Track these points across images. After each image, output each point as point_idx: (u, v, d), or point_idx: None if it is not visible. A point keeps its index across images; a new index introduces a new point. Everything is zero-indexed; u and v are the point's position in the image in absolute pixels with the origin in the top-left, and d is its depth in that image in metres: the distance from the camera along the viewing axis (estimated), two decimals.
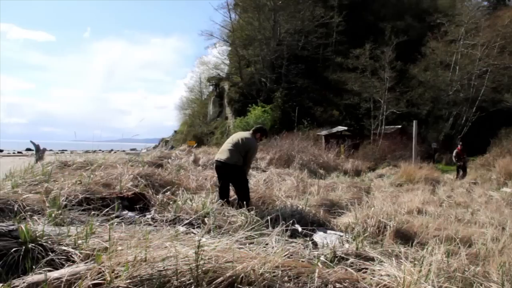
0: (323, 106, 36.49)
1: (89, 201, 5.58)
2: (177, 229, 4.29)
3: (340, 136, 28.24)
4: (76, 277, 2.80)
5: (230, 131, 36.88)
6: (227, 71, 49.10)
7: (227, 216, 5.54)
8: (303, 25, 41.42)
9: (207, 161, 14.41)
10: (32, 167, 7.70)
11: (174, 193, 7.02)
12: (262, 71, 40.64)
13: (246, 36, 43.49)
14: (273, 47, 39.97)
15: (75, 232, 3.71)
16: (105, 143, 22.40)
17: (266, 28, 41.53)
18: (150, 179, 7.66)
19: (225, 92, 43.97)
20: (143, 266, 2.84)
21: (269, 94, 37.17)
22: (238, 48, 42.94)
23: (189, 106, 58.87)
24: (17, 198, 5.18)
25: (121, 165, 8.42)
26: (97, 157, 9.47)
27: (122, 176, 7.23)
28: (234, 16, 47.04)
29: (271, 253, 3.24)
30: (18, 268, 3.16)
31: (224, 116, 43.08)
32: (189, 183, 8.42)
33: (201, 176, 9.50)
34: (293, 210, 6.73)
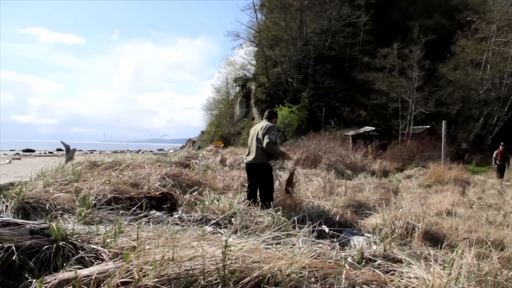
0: (350, 106, 36.21)
1: (117, 201, 5.66)
2: (204, 229, 4.31)
3: (368, 137, 27.98)
4: (105, 275, 2.84)
5: None
6: (254, 71, 49.12)
7: (253, 216, 5.55)
8: (330, 24, 41.16)
9: (234, 162, 14.45)
10: (62, 167, 7.85)
11: (201, 193, 7.06)
12: (289, 72, 40.54)
13: (272, 36, 43.43)
14: (299, 47, 39.83)
15: (104, 231, 3.76)
16: (133, 144, 22.73)
17: (292, 28, 41.39)
18: (178, 179, 7.72)
19: (251, 93, 43.99)
20: (171, 265, 2.86)
21: (295, 95, 37.07)
22: (265, 49, 42.91)
23: (216, 107, 59.07)
24: (48, 197, 5.29)
25: (149, 165, 8.51)
26: (125, 157, 9.61)
27: (150, 176, 7.31)
28: (260, 16, 47.07)
29: (298, 253, 3.22)
30: (49, 265, 3.22)
31: (250, 116, 43.10)
32: (216, 183, 8.46)
33: (228, 176, 9.54)
34: (320, 210, 6.70)
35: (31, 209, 5.03)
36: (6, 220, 3.51)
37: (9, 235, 3.31)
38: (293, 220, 5.00)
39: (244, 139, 37.03)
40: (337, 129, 30.75)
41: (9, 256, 3.14)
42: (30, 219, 4.29)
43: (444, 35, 37.77)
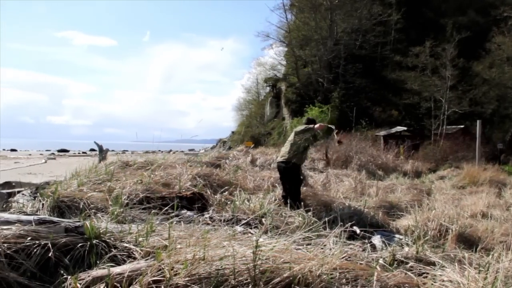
0: (381, 106, 35.77)
1: (149, 200, 5.73)
2: (235, 229, 4.32)
3: (400, 137, 27.56)
4: (137, 273, 2.87)
5: (287, 131, 36.81)
6: (284, 71, 49.01)
7: (284, 216, 5.54)
8: (361, 23, 40.74)
9: (264, 162, 14.46)
10: (96, 167, 7.99)
11: (232, 193, 7.09)
12: (319, 71, 40.33)
13: (302, 36, 43.26)
14: (330, 47, 39.57)
15: (136, 230, 3.81)
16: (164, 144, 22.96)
17: (322, 27, 41.14)
18: (208, 179, 7.76)
19: (282, 93, 43.92)
20: (202, 265, 2.87)
21: (326, 94, 36.85)
22: (295, 49, 42.78)
23: (246, 107, 59.15)
24: (82, 196, 5.40)
25: (180, 165, 8.58)
26: (157, 157, 9.71)
27: (181, 176, 7.37)
28: (290, 16, 46.93)
29: (328, 254, 3.20)
30: (83, 262, 3.28)
31: (281, 116, 43.03)
32: (246, 184, 8.48)
33: (259, 176, 9.54)
34: (351, 211, 6.65)
35: (66, 208, 5.14)
36: (43, 218, 3.60)
37: (46, 232, 3.39)
38: (324, 221, 4.97)
39: (275, 139, 36.99)
40: (368, 129, 30.39)
41: (45, 252, 3.22)
42: (65, 218, 4.38)
43: (479, 32, 36.87)
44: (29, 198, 5.75)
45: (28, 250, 3.22)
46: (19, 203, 5.44)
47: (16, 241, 3.24)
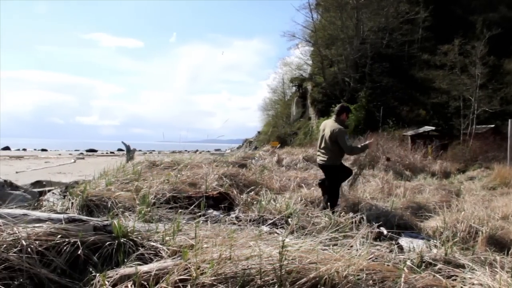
0: (409, 106, 35.31)
1: (176, 200, 5.77)
2: (261, 228, 4.33)
3: (427, 136, 27.16)
4: (163, 272, 2.89)
5: (313, 131, 36.66)
6: (310, 71, 48.82)
7: (310, 217, 5.52)
8: (387, 22, 40.30)
9: (290, 162, 14.43)
10: (123, 167, 8.10)
11: (258, 193, 7.10)
12: (346, 71, 40.05)
13: (328, 35, 43.01)
14: (356, 46, 39.25)
15: (163, 229, 3.85)
16: (190, 144, 23.08)
17: (349, 26, 40.83)
18: (235, 179, 7.79)
19: (308, 93, 43.76)
20: (228, 264, 2.88)
21: (352, 94, 36.57)
22: (321, 48, 42.55)
23: (272, 107, 59.11)
24: (110, 196, 5.47)
25: (207, 165, 8.63)
26: (183, 157, 9.79)
27: (207, 176, 7.41)
28: (316, 16, 46.71)
29: (355, 255, 3.17)
30: (111, 260, 3.33)
31: (307, 116, 42.89)
32: (272, 184, 8.48)
33: (285, 176, 9.54)
34: (378, 212, 6.58)
35: (95, 207, 5.22)
36: (72, 217, 3.67)
37: (75, 230, 3.45)
38: (351, 222, 4.94)
39: (301, 139, 36.86)
40: (395, 129, 30.04)
41: (75, 250, 3.28)
42: (94, 216, 4.45)
43: (510, 29, 36.06)
44: (59, 197, 5.86)
45: (59, 248, 3.28)
46: (50, 202, 5.55)
47: (47, 238, 3.31)
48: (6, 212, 3.62)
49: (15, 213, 3.62)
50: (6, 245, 3.10)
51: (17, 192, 5.93)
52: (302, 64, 50.39)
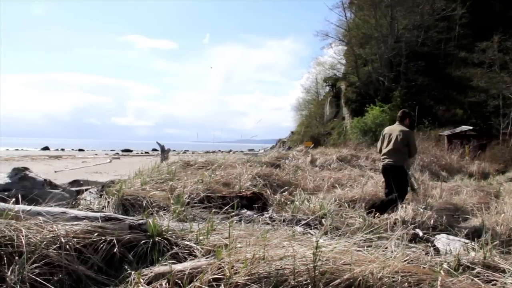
0: (445, 105, 34.54)
1: (210, 199, 5.81)
2: (295, 229, 4.31)
3: (465, 136, 26.52)
4: (197, 271, 2.91)
5: (347, 131, 36.33)
6: (344, 71, 48.40)
7: (344, 218, 5.48)
8: (423, 19, 39.50)
9: (324, 162, 14.33)
10: (158, 167, 8.20)
11: (292, 193, 7.08)
12: (380, 70, 39.50)
13: (362, 34, 42.49)
14: (390, 45, 38.65)
15: (197, 228, 3.87)
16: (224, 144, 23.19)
17: (383, 25, 40.24)
18: (268, 179, 7.80)
19: (341, 92, 43.40)
20: (261, 264, 2.87)
21: (387, 93, 36.04)
22: (355, 47, 42.11)
23: (306, 107, 58.81)
24: (145, 195, 5.55)
25: (240, 165, 8.66)
26: (217, 157, 9.84)
27: (241, 176, 7.44)
28: (349, 15, 46.25)
29: (390, 257, 3.11)
30: (146, 258, 3.37)
31: (341, 116, 42.54)
32: (306, 184, 8.45)
33: (318, 177, 9.49)
34: (413, 213, 6.47)
35: (130, 206, 5.31)
36: (108, 215, 3.74)
37: (111, 229, 3.51)
38: (386, 223, 4.87)
39: (334, 139, 36.58)
40: (431, 129, 29.44)
41: (111, 248, 3.34)
42: (129, 215, 4.52)
43: None
44: (96, 196, 5.98)
45: (95, 245, 3.35)
46: (87, 201, 5.67)
47: (85, 236, 3.38)
48: (46, 210, 3.72)
49: (54, 211, 3.72)
50: (46, 242, 3.19)
51: (56, 190, 6.08)
52: (336, 64, 50.00)
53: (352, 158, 16.26)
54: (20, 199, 4.03)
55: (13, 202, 3.85)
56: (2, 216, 3.43)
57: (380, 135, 7.96)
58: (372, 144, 25.90)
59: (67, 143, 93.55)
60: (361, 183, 8.99)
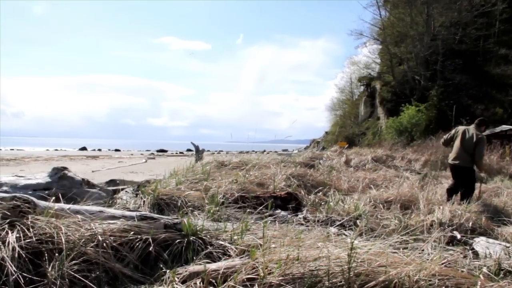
0: (484, 104, 33.64)
1: (244, 199, 5.82)
2: (329, 230, 4.27)
3: (505, 136, 25.77)
4: (231, 271, 2.92)
5: (382, 131, 35.86)
6: (379, 70, 47.79)
7: (379, 219, 5.41)
8: (460, 16, 38.56)
9: (359, 162, 14.21)
10: (192, 167, 8.27)
11: (326, 193, 7.04)
12: (416, 69, 38.80)
13: (397, 33, 41.83)
14: (427, 43, 37.89)
15: (231, 228, 3.89)
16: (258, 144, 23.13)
17: (418, 23, 39.48)
18: (302, 180, 7.77)
19: (376, 92, 42.86)
20: (295, 265, 2.86)
21: (423, 93, 35.36)
22: (390, 46, 41.52)
23: (340, 107, 58.36)
24: (180, 195, 5.61)
25: (274, 165, 8.65)
26: (251, 158, 9.86)
27: (275, 176, 7.43)
28: (384, 13, 45.55)
29: (427, 260, 3.06)
30: (181, 257, 3.41)
31: (376, 116, 42.03)
32: (340, 184, 8.38)
33: (353, 177, 9.39)
34: (451, 215, 6.33)
35: (165, 205, 5.37)
36: (144, 214, 3.79)
37: (147, 228, 3.57)
38: (422, 225, 4.78)
39: (369, 140, 36.16)
40: None
41: (146, 247, 3.41)
42: (164, 214, 4.57)
43: None
44: (132, 195, 6.07)
45: (131, 244, 3.41)
46: (123, 200, 5.77)
47: (121, 234, 3.44)
48: (84, 208, 3.80)
49: (92, 209, 3.80)
50: (84, 240, 3.27)
51: (93, 190, 6.20)
52: (370, 63, 49.43)
53: (387, 159, 16.07)
54: (60, 198, 4.13)
55: (53, 200, 3.95)
56: (43, 214, 3.53)
57: (453, 130, 8.40)
58: (408, 144, 25.51)
59: (104, 143, 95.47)
60: (397, 184, 8.85)
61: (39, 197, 4.22)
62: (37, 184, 5.90)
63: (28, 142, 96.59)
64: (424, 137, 26.26)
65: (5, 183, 5.77)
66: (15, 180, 5.94)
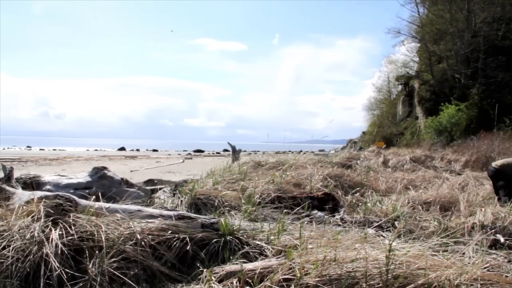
0: None
1: (280, 200, 5.82)
2: (366, 231, 4.23)
3: None
4: (268, 271, 2.92)
5: (420, 131, 35.22)
6: (417, 68, 46.87)
7: (418, 220, 5.31)
8: (503, 11, 37.31)
9: (397, 163, 13.98)
10: (229, 167, 8.32)
11: (363, 194, 6.97)
12: (456, 67, 37.84)
13: (436, 30, 40.87)
14: (467, 40, 36.87)
15: (268, 228, 3.90)
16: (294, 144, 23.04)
17: (458, 19, 38.47)
18: (339, 180, 7.72)
19: (415, 91, 42.10)
20: (332, 266, 2.84)
21: (463, 91, 34.47)
22: (428, 44, 40.62)
23: (377, 107, 57.62)
24: (217, 194, 5.65)
25: (311, 165, 8.62)
26: (287, 158, 9.84)
27: (312, 177, 7.40)
28: (422, 10, 44.58)
29: (468, 263, 2.98)
30: (218, 257, 3.44)
31: (414, 116, 41.30)
32: (378, 185, 8.27)
33: (391, 178, 9.25)
34: (493, 217, 6.15)
35: (202, 205, 5.43)
36: (182, 214, 3.84)
37: (184, 227, 3.61)
38: (463, 227, 4.67)
39: (407, 140, 35.57)
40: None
41: (184, 246, 3.45)
42: (201, 214, 4.62)
43: None
44: (169, 195, 6.16)
45: (169, 243, 3.46)
46: (161, 199, 5.86)
47: (159, 233, 3.50)
48: (123, 207, 3.88)
49: (130, 208, 3.88)
50: (123, 238, 3.34)
51: (132, 189, 6.32)
52: (408, 61, 48.57)
53: (426, 159, 15.77)
54: (100, 197, 4.23)
55: (94, 199, 4.04)
56: (84, 213, 3.62)
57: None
58: (448, 144, 25.00)
59: (142, 143, 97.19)
60: (436, 185, 8.67)
61: (80, 196, 4.33)
62: (78, 183, 6.06)
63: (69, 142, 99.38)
64: (464, 137, 25.63)
65: (48, 182, 5.95)
66: (58, 179, 6.12)
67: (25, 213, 3.58)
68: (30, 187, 5.36)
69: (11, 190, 4.53)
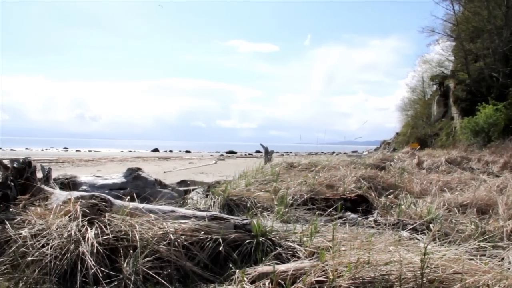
0: None
1: (313, 201, 5.79)
2: (400, 233, 4.17)
3: None
4: (300, 272, 2.92)
5: (456, 132, 34.51)
6: (452, 68, 45.90)
7: (454, 223, 5.20)
8: None
9: (431, 164, 13.72)
10: (262, 168, 8.33)
11: (397, 196, 6.87)
12: (493, 65, 36.87)
13: (472, 28, 39.91)
14: (506, 37, 35.82)
15: (301, 230, 3.89)
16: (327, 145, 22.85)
17: (497, 16, 37.43)
18: (373, 182, 7.63)
19: (450, 91, 41.26)
20: (366, 268, 2.81)
21: (501, 91, 33.56)
22: (464, 42, 39.70)
23: (411, 107, 56.74)
24: (249, 195, 5.67)
25: (344, 167, 8.55)
26: (320, 159, 9.79)
27: (345, 178, 7.34)
28: (458, 7, 43.57)
29: (508, 269, 2.90)
30: (250, 258, 3.45)
31: (449, 116, 40.49)
32: (412, 187, 8.14)
33: (426, 180, 9.09)
34: None
35: (235, 206, 5.45)
36: (214, 215, 3.87)
37: (217, 228, 3.64)
38: (502, 231, 4.55)
39: (442, 141, 34.92)
40: None
41: (216, 246, 3.48)
42: (234, 215, 4.64)
43: None
44: (202, 196, 6.21)
45: (202, 243, 3.50)
46: (194, 200, 5.92)
47: (192, 234, 3.54)
48: (157, 208, 3.93)
49: (164, 209, 3.93)
50: (157, 238, 3.39)
51: (165, 190, 6.40)
52: (443, 61, 47.56)
53: (462, 161, 15.42)
54: (134, 197, 4.30)
55: (128, 200, 4.11)
56: (119, 213, 3.69)
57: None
58: (485, 145, 24.44)
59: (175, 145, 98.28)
60: (473, 187, 8.47)
61: (115, 196, 4.42)
62: (113, 184, 6.17)
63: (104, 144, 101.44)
64: (502, 138, 24.99)
65: (84, 182, 6.08)
66: (93, 180, 6.25)
67: (62, 212, 3.68)
68: (67, 187, 5.49)
69: (49, 190, 4.66)
